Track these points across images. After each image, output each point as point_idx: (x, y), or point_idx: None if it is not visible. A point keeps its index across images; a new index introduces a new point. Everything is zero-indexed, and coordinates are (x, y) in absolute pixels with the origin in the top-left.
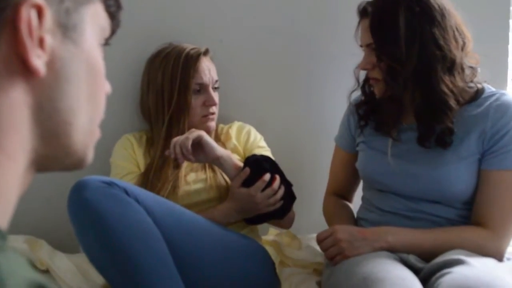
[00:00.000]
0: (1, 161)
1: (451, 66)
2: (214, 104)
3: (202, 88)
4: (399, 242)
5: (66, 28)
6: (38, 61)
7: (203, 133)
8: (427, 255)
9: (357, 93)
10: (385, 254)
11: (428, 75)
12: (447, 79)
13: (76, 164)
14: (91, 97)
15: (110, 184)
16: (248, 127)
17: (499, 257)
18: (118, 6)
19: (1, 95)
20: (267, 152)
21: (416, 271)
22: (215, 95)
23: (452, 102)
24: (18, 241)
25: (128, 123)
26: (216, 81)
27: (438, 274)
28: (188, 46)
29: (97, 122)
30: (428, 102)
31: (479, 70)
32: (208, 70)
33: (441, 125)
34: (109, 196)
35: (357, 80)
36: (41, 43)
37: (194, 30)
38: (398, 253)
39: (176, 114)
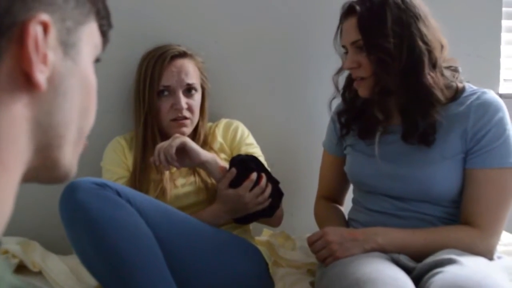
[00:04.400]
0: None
1: (435, 63)
2: (181, 108)
3: (170, 91)
4: (389, 242)
5: (66, 46)
6: (41, 76)
7: (186, 139)
8: (418, 255)
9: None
10: (377, 254)
11: (416, 69)
12: (432, 74)
13: (62, 176)
14: (82, 110)
15: (103, 185)
16: (235, 123)
17: (489, 255)
18: (110, 25)
19: (3, 109)
20: (255, 149)
21: (408, 270)
22: (191, 99)
23: (439, 95)
24: (11, 243)
25: (119, 124)
26: (189, 84)
27: (430, 274)
28: (171, 47)
29: (86, 134)
30: (416, 95)
31: (460, 69)
32: (177, 72)
33: (428, 119)
34: (101, 198)
35: (336, 87)
36: (44, 59)
37: (189, 32)
38: (389, 253)
39: (149, 116)
